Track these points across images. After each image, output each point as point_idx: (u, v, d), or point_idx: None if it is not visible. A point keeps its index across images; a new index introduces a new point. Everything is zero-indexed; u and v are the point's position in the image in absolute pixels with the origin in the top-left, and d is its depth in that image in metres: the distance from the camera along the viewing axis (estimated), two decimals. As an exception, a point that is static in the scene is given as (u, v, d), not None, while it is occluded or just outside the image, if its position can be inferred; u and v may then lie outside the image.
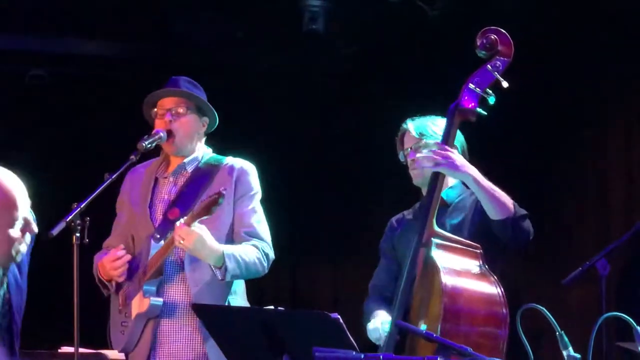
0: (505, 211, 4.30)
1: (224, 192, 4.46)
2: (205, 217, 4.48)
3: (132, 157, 4.69)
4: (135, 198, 4.85)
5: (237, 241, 4.69)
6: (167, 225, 4.68)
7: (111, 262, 4.67)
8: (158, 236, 4.68)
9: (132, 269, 4.70)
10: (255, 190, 4.80)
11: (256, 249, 4.67)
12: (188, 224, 4.47)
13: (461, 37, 4.86)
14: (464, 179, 4.37)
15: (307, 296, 7.74)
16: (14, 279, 3.46)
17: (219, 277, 4.56)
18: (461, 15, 6.55)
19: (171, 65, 6.60)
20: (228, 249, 4.59)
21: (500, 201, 4.31)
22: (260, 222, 4.76)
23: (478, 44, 4.43)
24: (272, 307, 3.87)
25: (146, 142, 4.69)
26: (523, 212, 4.35)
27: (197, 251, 4.52)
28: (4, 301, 3.45)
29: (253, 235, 4.72)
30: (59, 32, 7.33)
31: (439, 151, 4.32)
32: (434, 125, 4.63)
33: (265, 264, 4.71)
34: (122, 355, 4.84)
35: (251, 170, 4.82)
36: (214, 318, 3.98)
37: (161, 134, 4.74)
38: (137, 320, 4.66)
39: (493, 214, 4.32)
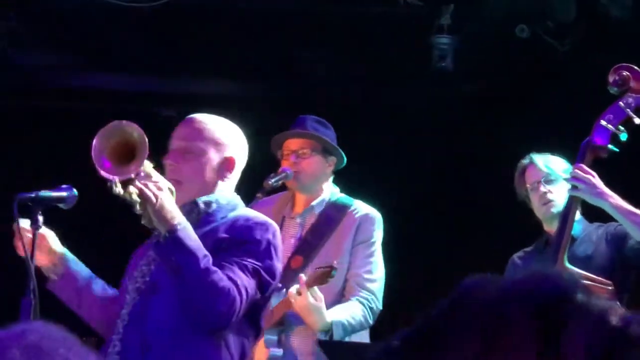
0: None
1: (336, 266, 4.42)
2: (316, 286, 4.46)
3: (259, 194, 4.65)
4: None
5: (347, 289, 4.64)
6: (289, 274, 4.61)
7: None
8: (280, 285, 4.59)
9: None
10: (374, 239, 4.71)
11: (362, 306, 4.60)
12: (301, 292, 4.45)
13: (591, 73, 4.79)
14: (602, 205, 4.28)
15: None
16: None
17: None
18: (591, 51, 6.44)
19: (297, 103, 6.63)
20: (336, 316, 4.51)
21: None
22: (373, 272, 4.68)
23: (610, 81, 4.39)
24: (396, 342, 3.84)
25: (272, 180, 4.67)
26: None
27: (303, 317, 4.50)
28: None
29: (362, 286, 4.64)
30: (188, 73, 7.45)
31: (581, 173, 4.25)
32: (561, 164, 4.57)
33: (371, 320, 4.64)
34: None
35: (375, 219, 4.74)
36: (340, 353, 3.99)
37: (287, 172, 4.70)
38: None
39: (638, 235, 4.24)
